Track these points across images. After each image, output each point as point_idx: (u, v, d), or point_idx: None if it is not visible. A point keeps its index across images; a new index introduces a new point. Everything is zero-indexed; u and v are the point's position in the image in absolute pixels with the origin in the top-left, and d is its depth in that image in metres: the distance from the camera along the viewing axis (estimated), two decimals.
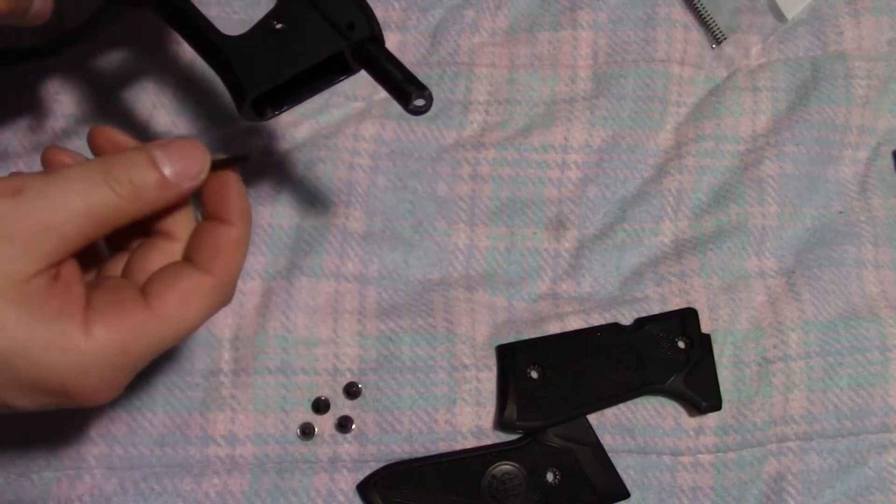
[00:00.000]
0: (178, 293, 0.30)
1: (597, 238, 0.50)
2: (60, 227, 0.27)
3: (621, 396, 0.47)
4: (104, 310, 0.28)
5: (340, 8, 0.33)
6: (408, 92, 0.33)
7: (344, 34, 0.33)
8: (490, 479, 0.45)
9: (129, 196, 0.28)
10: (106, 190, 0.28)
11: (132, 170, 0.29)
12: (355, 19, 0.33)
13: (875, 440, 0.49)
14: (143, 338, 0.29)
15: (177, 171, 0.29)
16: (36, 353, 0.27)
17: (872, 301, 0.51)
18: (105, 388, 0.28)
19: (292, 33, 0.33)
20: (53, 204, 0.27)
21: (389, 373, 0.46)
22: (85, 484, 0.43)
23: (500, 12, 0.52)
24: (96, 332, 0.27)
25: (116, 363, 0.28)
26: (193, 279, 0.30)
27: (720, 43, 0.53)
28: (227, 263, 0.31)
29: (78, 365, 0.27)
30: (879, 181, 0.53)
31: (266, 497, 0.44)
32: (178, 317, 0.29)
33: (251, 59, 0.33)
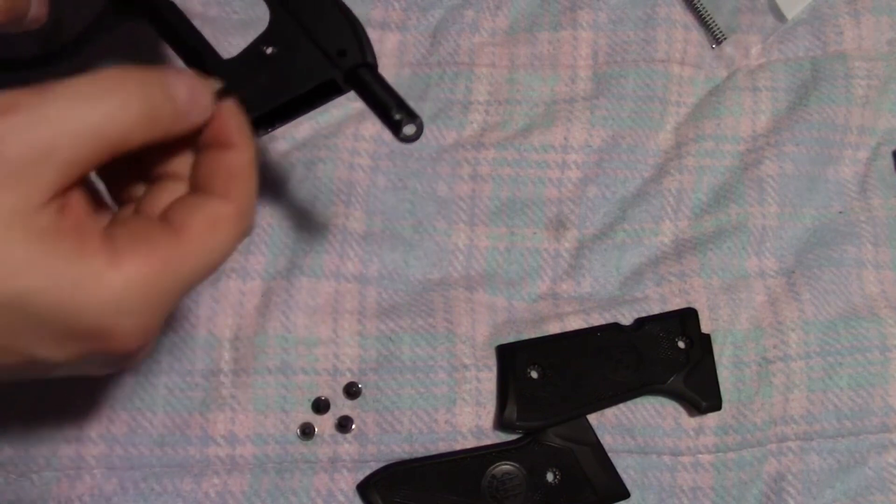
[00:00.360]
0: (204, 221, 0.28)
1: (597, 238, 0.50)
2: (60, 152, 0.24)
3: (621, 396, 0.47)
4: (130, 243, 0.26)
5: (333, 32, 0.33)
6: (398, 120, 0.32)
7: (335, 62, 0.33)
8: (490, 479, 0.45)
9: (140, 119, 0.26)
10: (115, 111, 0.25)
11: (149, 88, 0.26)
12: (347, 46, 0.33)
13: (875, 440, 0.49)
14: (177, 269, 0.27)
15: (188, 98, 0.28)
16: (63, 294, 0.24)
17: (872, 301, 0.51)
18: (142, 327, 0.26)
19: (283, 58, 0.33)
20: (55, 123, 0.24)
21: (389, 373, 0.46)
22: (85, 484, 0.43)
23: (500, 12, 0.52)
24: (126, 266, 0.25)
25: (152, 298, 0.26)
26: (214, 206, 0.28)
27: (720, 43, 0.53)
28: (245, 188, 0.29)
29: (113, 301, 0.25)
30: (879, 181, 0.53)
31: (266, 497, 0.44)
32: (207, 245, 0.28)
33: (242, 84, 0.33)
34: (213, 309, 0.45)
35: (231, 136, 0.30)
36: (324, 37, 0.33)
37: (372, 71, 0.33)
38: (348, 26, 0.33)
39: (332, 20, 0.33)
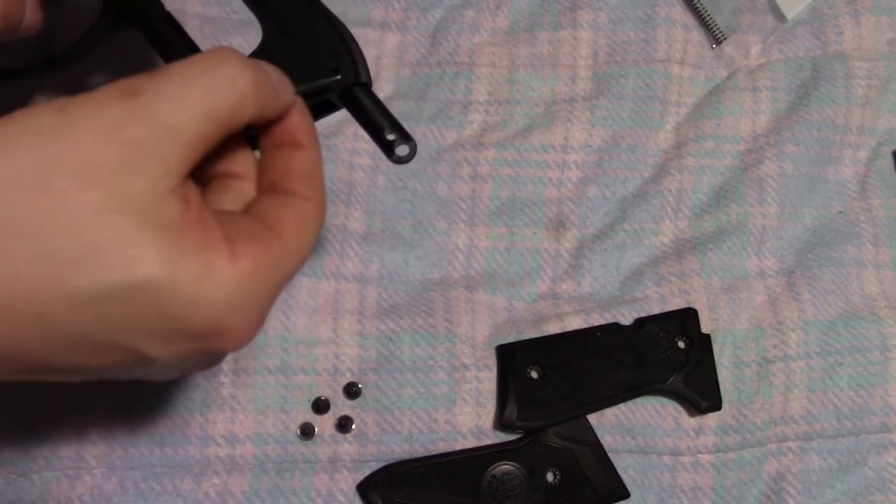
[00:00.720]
0: (296, 220, 0.28)
1: (597, 238, 0.50)
2: (184, 130, 0.24)
3: (621, 396, 0.47)
4: (244, 240, 0.26)
5: (328, 51, 0.33)
6: (391, 141, 0.32)
7: (329, 80, 0.33)
8: (490, 479, 0.45)
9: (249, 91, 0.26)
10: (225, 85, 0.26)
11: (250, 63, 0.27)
12: (341, 64, 0.33)
13: (875, 440, 0.49)
14: (280, 267, 0.27)
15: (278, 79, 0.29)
16: (187, 286, 0.24)
17: (872, 301, 0.51)
18: (253, 323, 0.26)
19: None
20: (175, 103, 0.24)
21: (389, 373, 0.46)
22: (85, 484, 0.43)
23: (500, 12, 0.52)
24: (243, 262, 0.25)
25: (262, 295, 0.26)
26: (300, 206, 0.29)
27: (720, 43, 0.53)
28: (320, 186, 0.30)
29: (230, 297, 0.25)
30: (879, 181, 0.53)
31: (266, 497, 0.44)
32: (300, 243, 0.28)
33: None
34: None
35: (304, 137, 0.30)
36: (318, 54, 0.33)
37: (366, 90, 0.33)
38: (343, 45, 0.33)
39: (327, 38, 0.33)
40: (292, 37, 0.33)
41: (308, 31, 0.33)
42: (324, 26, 0.33)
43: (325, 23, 0.33)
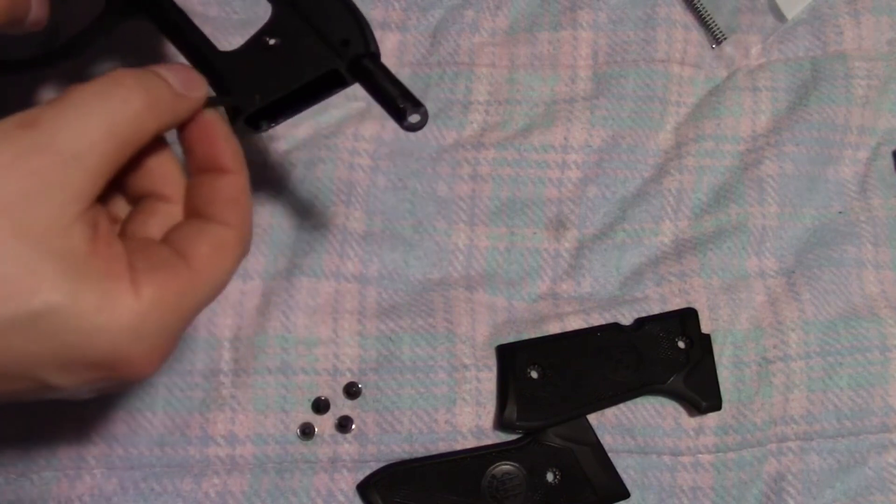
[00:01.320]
0: (210, 248, 0.29)
1: (597, 238, 0.50)
2: (86, 156, 0.25)
3: (621, 396, 0.47)
4: (149, 269, 0.26)
5: (336, 23, 0.33)
6: (402, 108, 0.32)
7: (338, 51, 0.33)
8: (490, 479, 0.45)
9: (146, 106, 0.27)
10: (122, 105, 0.26)
11: (143, 79, 0.27)
12: (351, 35, 0.33)
13: (875, 440, 0.49)
14: (189, 296, 0.27)
15: (181, 83, 0.29)
16: (84, 318, 0.24)
17: (872, 301, 0.51)
18: (156, 354, 0.27)
19: (286, 49, 0.33)
20: (74, 129, 0.25)
21: (389, 373, 0.46)
22: (85, 484, 0.43)
23: (500, 12, 0.52)
24: (146, 292, 0.25)
25: (166, 324, 0.27)
26: (217, 233, 0.29)
27: (720, 43, 0.53)
28: (242, 212, 0.30)
29: (131, 328, 0.25)
30: (879, 181, 0.53)
31: (266, 497, 0.44)
32: (213, 273, 0.28)
33: (245, 75, 0.33)
34: (213, 309, 0.45)
35: (227, 161, 0.30)
36: (327, 27, 0.33)
37: (375, 60, 0.33)
38: (351, 17, 0.33)
39: (335, 11, 0.33)
40: (302, 10, 0.33)
41: (317, 4, 0.33)
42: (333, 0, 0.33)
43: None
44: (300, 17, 0.33)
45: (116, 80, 0.27)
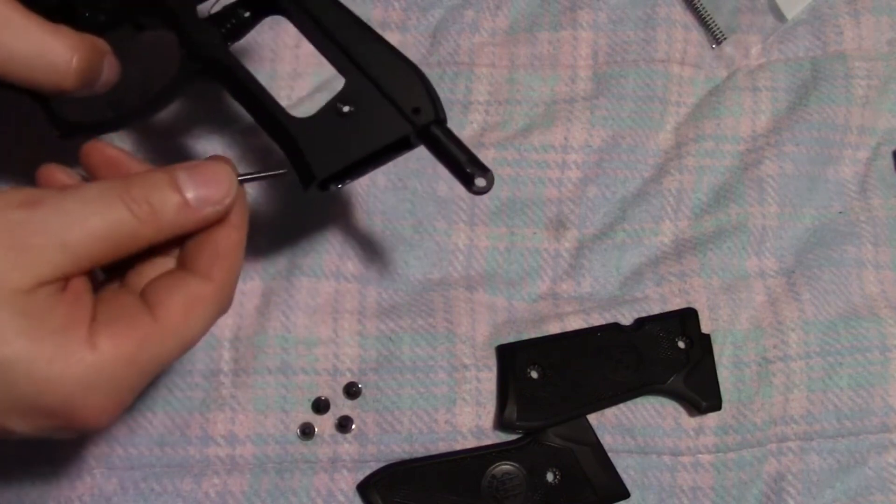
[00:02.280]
0: (182, 302, 0.28)
1: (597, 238, 0.50)
2: (74, 246, 0.26)
3: (621, 396, 0.47)
4: (108, 321, 0.27)
5: (407, 92, 0.34)
6: (471, 175, 0.34)
7: (410, 119, 0.34)
8: (490, 479, 0.45)
9: (148, 219, 0.27)
10: (124, 212, 0.27)
11: (153, 192, 0.28)
12: (421, 104, 0.34)
13: (875, 440, 0.49)
14: (149, 350, 0.27)
15: (200, 195, 0.29)
16: (38, 366, 0.25)
17: (872, 301, 0.51)
18: (110, 405, 0.27)
19: (359, 116, 0.34)
20: (70, 221, 0.26)
21: (389, 373, 0.46)
22: (85, 484, 0.43)
23: (500, 12, 0.52)
24: (101, 344, 0.26)
25: (122, 377, 0.27)
26: (195, 287, 0.29)
27: (720, 43, 0.53)
28: (228, 268, 0.30)
29: (83, 379, 0.26)
30: (879, 181, 0.53)
31: (266, 497, 0.44)
32: (182, 326, 0.28)
33: (319, 141, 0.34)
34: None
35: (231, 217, 0.30)
36: (399, 95, 0.34)
37: (444, 128, 0.34)
38: (421, 85, 0.34)
39: (404, 78, 0.34)
40: (373, 78, 0.34)
41: (388, 72, 0.34)
42: (403, 67, 0.34)
43: (403, 64, 0.34)
44: (372, 84, 0.34)
45: (124, 189, 0.27)
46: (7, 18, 0.30)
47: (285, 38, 0.49)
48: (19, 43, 0.30)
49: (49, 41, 0.30)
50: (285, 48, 0.49)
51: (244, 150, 0.48)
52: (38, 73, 0.30)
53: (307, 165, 0.34)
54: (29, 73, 0.30)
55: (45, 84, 0.31)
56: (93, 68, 0.32)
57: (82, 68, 0.31)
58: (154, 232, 0.28)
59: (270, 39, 0.49)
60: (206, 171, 0.29)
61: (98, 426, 0.27)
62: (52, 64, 0.31)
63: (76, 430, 0.28)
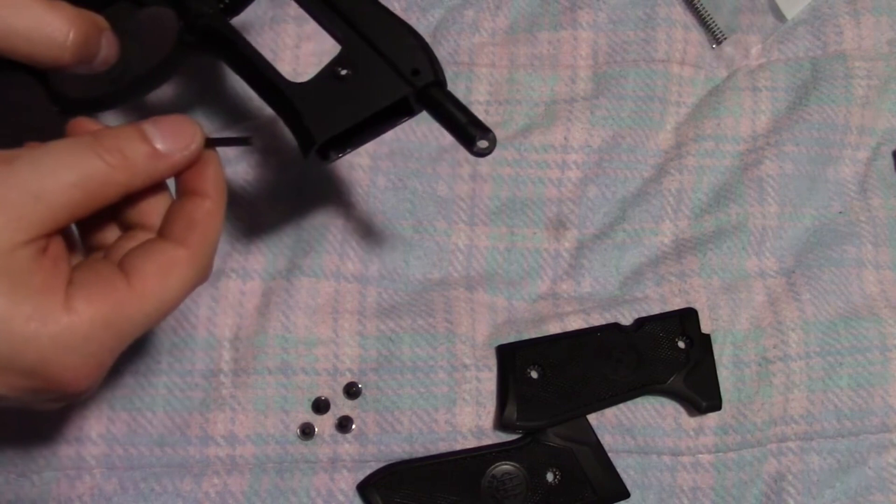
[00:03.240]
0: (156, 267, 0.29)
1: (597, 238, 0.50)
2: (50, 197, 0.27)
3: (621, 396, 0.47)
4: (85, 284, 0.28)
5: (405, 53, 0.34)
6: (472, 135, 0.33)
7: (409, 80, 0.34)
8: (490, 479, 0.45)
9: (120, 165, 0.28)
10: (96, 160, 0.28)
11: (123, 141, 0.29)
12: (420, 65, 0.34)
13: (875, 440, 0.49)
14: (125, 313, 0.28)
15: (168, 143, 0.30)
16: (15, 325, 0.26)
17: (872, 301, 0.51)
18: (86, 368, 0.28)
19: (357, 79, 0.34)
20: (44, 173, 0.27)
21: (389, 373, 0.46)
22: (85, 484, 0.43)
23: (500, 12, 0.52)
24: (77, 305, 0.27)
25: (98, 339, 0.28)
26: (169, 253, 0.30)
27: (720, 43, 0.53)
28: (202, 235, 0.31)
29: (58, 339, 0.27)
30: (879, 181, 0.53)
31: (266, 497, 0.44)
32: (157, 292, 0.29)
33: (317, 106, 0.33)
34: (213, 309, 0.45)
35: (200, 184, 0.31)
36: (397, 57, 0.34)
37: (443, 89, 0.34)
38: (419, 47, 0.34)
39: (403, 41, 0.34)
40: (371, 41, 0.34)
41: (385, 35, 0.34)
42: (400, 29, 0.34)
43: (401, 27, 0.34)
44: (369, 46, 0.34)
45: (95, 140, 0.28)
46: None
47: (285, 39, 0.49)
48: (16, 18, 0.30)
49: (46, 16, 0.31)
50: (285, 48, 0.49)
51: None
52: (36, 47, 0.31)
53: (306, 130, 0.33)
54: (27, 48, 0.31)
55: (43, 58, 0.31)
56: (90, 43, 0.32)
57: (79, 42, 0.32)
58: (127, 178, 0.29)
59: (270, 39, 0.49)
60: (171, 122, 0.30)
61: (77, 389, 0.28)
62: (50, 38, 0.31)
63: (55, 393, 0.28)
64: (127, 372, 0.44)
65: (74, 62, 0.32)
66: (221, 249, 0.46)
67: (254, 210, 0.47)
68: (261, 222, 0.47)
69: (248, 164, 0.47)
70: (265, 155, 0.48)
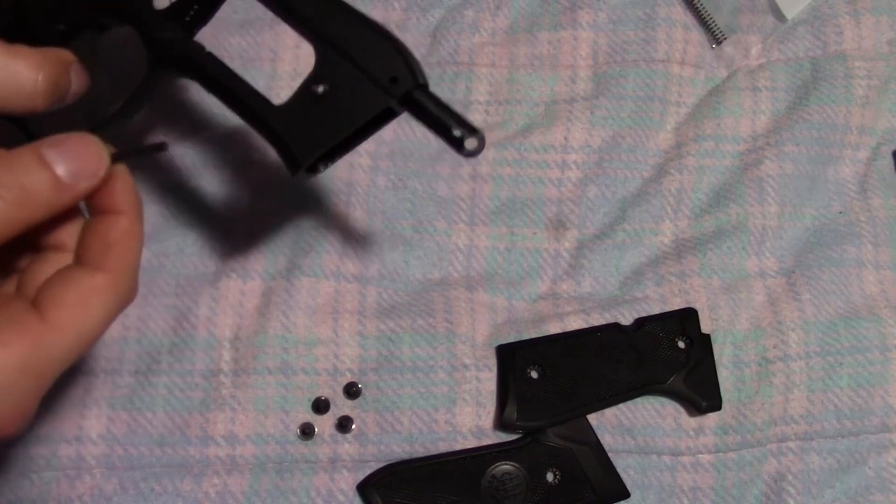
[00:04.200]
0: (73, 298, 0.27)
1: (597, 238, 0.50)
2: None
3: (621, 396, 0.47)
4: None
5: (380, 60, 0.32)
6: (460, 138, 0.32)
7: (388, 90, 0.32)
8: (490, 479, 0.45)
9: (20, 202, 0.26)
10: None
11: (21, 173, 0.26)
12: (398, 73, 0.32)
13: (875, 440, 0.49)
14: (43, 353, 0.26)
15: (71, 169, 0.27)
16: None
17: (872, 301, 0.51)
18: (9, 415, 0.26)
19: (336, 95, 0.33)
20: None
21: (389, 373, 0.46)
22: (85, 484, 0.43)
23: (500, 12, 0.52)
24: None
25: (16, 385, 0.26)
26: (87, 281, 0.28)
27: (720, 43, 0.53)
28: (121, 256, 0.28)
29: None
30: (879, 181, 0.53)
31: (266, 497, 0.44)
32: (76, 324, 0.27)
33: (299, 127, 0.33)
34: (213, 309, 0.45)
35: (112, 201, 0.29)
36: (372, 66, 0.32)
37: (425, 92, 0.33)
38: (395, 51, 0.32)
39: (377, 47, 0.32)
40: (345, 52, 0.32)
41: (359, 42, 0.32)
42: (374, 35, 0.33)
43: (374, 33, 0.33)
44: (343, 59, 0.32)
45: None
46: None
47: (285, 39, 0.49)
48: None
49: (11, 65, 0.29)
50: (285, 48, 0.49)
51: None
52: (6, 98, 0.29)
53: (290, 153, 0.33)
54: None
55: (15, 108, 0.29)
56: (60, 83, 0.31)
57: (49, 86, 0.30)
58: (29, 215, 0.26)
59: (271, 39, 0.49)
60: (72, 143, 0.28)
61: (4, 435, 0.26)
62: (19, 87, 0.29)
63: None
64: (127, 372, 0.44)
65: (47, 105, 0.30)
66: (221, 249, 0.46)
67: (254, 210, 0.47)
68: (261, 222, 0.47)
69: (247, 164, 0.47)
70: (264, 155, 0.48)
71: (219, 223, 0.47)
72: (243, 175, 0.47)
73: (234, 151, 0.47)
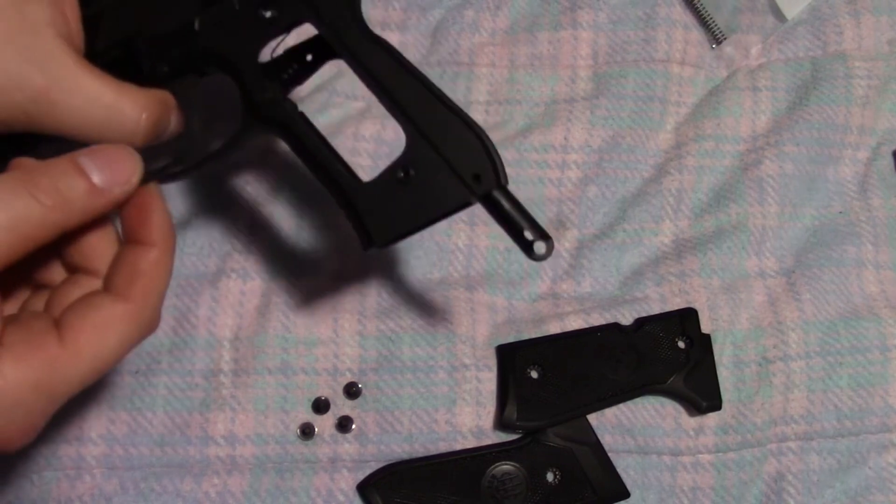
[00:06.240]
0: (93, 325, 0.28)
1: (597, 238, 0.50)
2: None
3: (621, 396, 0.47)
4: (15, 345, 0.26)
5: (467, 155, 0.33)
6: (530, 242, 0.33)
7: (470, 187, 0.33)
8: (490, 479, 0.45)
9: (56, 206, 0.27)
10: (30, 200, 0.26)
11: (58, 178, 0.27)
12: (482, 170, 0.33)
13: (875, 440, 0.49)
14: (57, 375, 0.27)
15: (106, 176, 0.28)
16: None
17: (872, 301, 0.51)
18: (17, 430, 0.26)
19: (419, 182, 0.33)
20: None
21: (389, 373, 0.46)
22: (85, 484, 0.43)
23: (500, 12, 0.52)
24: (5, 369, 0.26)
25: (27, 403, 0.26)
26: (109, 308, 0.28)
27: (720, 43, 0.53)
28: (146, 287, 0.29)
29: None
30: (879, 181, 0.53)
31: (266, 497, 0.44)
32: (92, 350, 0.27)
33: (379, 207, 0.33)
34: (213, 309, 0.45)
35: (146, 232, 0.30)
36: (459, 160, 0.33)
37: (505, 191, 0.33)
38: (482, 150, 0.33)
39: (466, 141, 0.33)
40: (434, 142, 0.33)
41: (449, 134, 0.33)
42: (464, 130, 0.33)
43: (465, 126, 0.33)
44: (431, 149, 0.33)
45: (28, 178, 0.27)
46: (78, 85, 0.30)
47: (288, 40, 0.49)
48: (90, 107, 0.30)
49: (119, 103, 0.31)
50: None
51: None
52: (109, 133, 0.31)
53: (367, 231, 0.33)
54: (99, 134, 0.31)
55: (115, 142, 0.31)
56: (160, 123, 0.32)
57: (150, 125, 0.32)
58: (64, 218, 0.27)
59: None
60: (107, 152, 0.29)
61: (8, 449, 0.27)
62: (122, 124, 0.31)
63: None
64: (127, 372, 0.44)
65: (145, 143, 0.32)
66: (221, 249, 0.46)
67: (254, 210, 0.47)
68: (261, 222, 0.47)
69: (248, 164, 0.47)
70: (265, 155, 0.48)
71: (219, 223, 0.47)
72: (243, 175, 0.47)
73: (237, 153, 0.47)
